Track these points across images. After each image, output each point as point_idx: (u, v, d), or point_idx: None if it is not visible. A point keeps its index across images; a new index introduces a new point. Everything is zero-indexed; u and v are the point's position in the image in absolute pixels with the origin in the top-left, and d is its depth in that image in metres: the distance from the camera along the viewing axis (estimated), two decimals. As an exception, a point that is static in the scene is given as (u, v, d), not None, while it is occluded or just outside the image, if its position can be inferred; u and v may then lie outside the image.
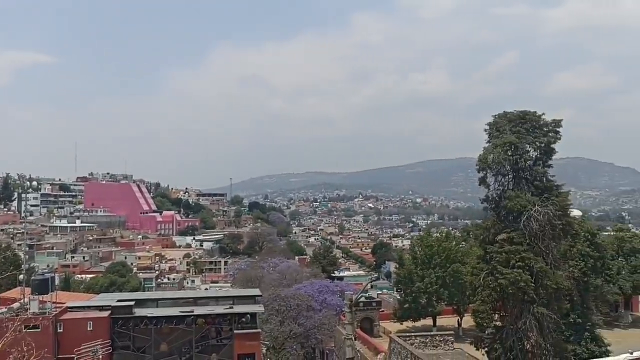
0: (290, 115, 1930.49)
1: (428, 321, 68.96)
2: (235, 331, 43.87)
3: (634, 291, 74.28)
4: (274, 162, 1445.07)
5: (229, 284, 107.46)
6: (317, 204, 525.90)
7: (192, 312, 43.91)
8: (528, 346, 34.78)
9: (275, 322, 58.13)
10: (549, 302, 35.11)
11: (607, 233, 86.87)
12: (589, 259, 56.17)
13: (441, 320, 70.43)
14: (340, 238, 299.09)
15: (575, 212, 68.13)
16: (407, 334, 52.85)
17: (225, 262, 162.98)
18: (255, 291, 53.44)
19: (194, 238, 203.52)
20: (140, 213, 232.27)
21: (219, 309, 45.31)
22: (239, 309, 45.50)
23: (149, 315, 42.65)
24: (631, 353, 43.13)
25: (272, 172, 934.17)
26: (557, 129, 37.51)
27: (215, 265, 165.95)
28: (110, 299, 46.57)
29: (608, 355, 44.98)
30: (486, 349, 38.13)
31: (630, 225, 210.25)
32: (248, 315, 44.98)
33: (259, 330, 46.10)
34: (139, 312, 43.02)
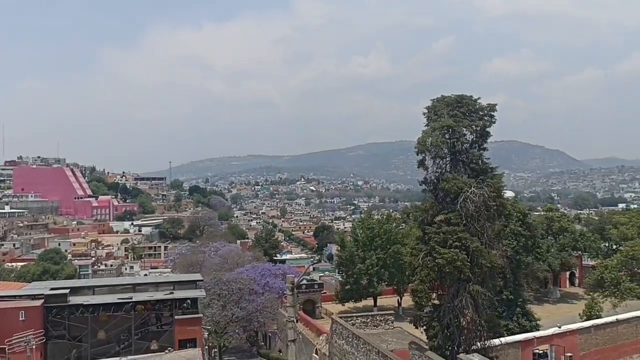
0: (231, 97, 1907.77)
1: (369, 302, 70.29)
2: (176, 317, 43.32)
3: (561, 268, 78.22)
4: (215, 145, 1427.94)
5: (170, 270, 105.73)
6: (259, 187, 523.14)
7: (131, 298, 42.99)
8: (464, 323, 35.91)
9: (217, 307, 57.73)
10: (483, 280, 36.31)
11: (537, 213, 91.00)
12: (521, 238, 58.63)
13: (382, 301, 71.97)
14: (283, 221, 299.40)
15: (509, 194, 70.81)
16: (349, 315, 53.68)
17: (165, 247, 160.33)
18: (196, 276, 52.85)
19: (132, 223, 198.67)
20: (75, 198, 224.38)
21: (159, 295, 44.59)
22: (179, 294, 44.89)
23: (84, 303, 41.43)
24: (559, 327, 45.56)
25: (213, 156, 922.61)
26: (492, 113, 38.50)
27: (155, 251, 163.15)
28: (44, 287, 44.89)
29: (538, 330, 47.32)
30: (424, 326, 39.13)
31: (559, 205, 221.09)
32: (189, 301, 44.46)
33: (201, 315, 45.68)
34: (74, 300, 41.74)
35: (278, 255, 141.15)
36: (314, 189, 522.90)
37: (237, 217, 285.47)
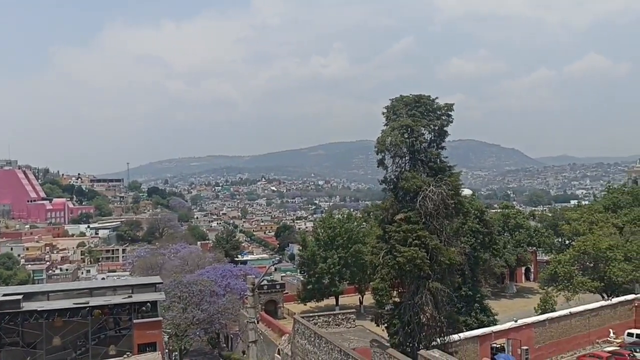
0: (190, 97, 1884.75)
1: (331, 301, 70.56)
2: (135, 320, 42.63)
3: (517, 264, 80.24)
4: (173, 146, 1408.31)
5: (128, 273, 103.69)
6: (220, 188, 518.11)
7: (87, 303, 42.07)
8: (424, 319, 36.46)
9: (178, 309, 56.96)
10: (442, 277, 36.92)
11: (494, 210, 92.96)
12: (479, 235, 59.77)
13: (344, 300, 72.35)
14: (244, 222, 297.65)
15: (466, 192, 72.08)
16: (311, 314, 53.78)
17: (124, 250, 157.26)
18: (156, 279, 52.13)
19: (88, 226, 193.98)
20: (27, 201, 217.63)
21: (117, 299, 43.78)
22: (138, 297, 44.18)
23: (39, 308, 40.33)
24: (515, 321, 46.73)
25: (172, 157, 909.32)
26: (450, 113, 39.17)
27: (113, 254, 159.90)
28: (-5, 293, 43.44)
29: (495, 324, 48.38)
30: (385, 324, 39.58)
31: (514, 202, 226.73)
32: (148, 304, 43.81)
33: (160, 318, 45.06)
34: (28, 306, 40.58)
35: (239, 256, 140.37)
36: (275, 189, 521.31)
37: (197, 218, 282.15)
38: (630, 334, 50.36)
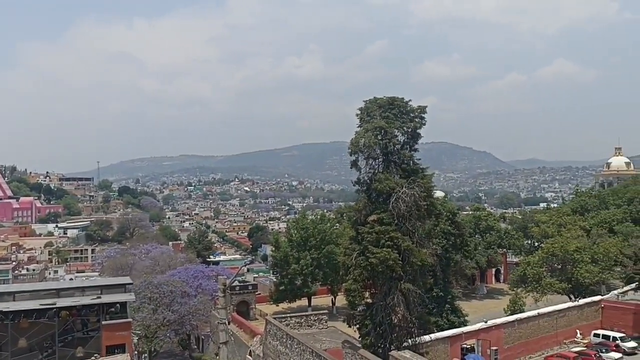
0: (163, 96, 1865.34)
1: (304, 302, 70.45)
2: (104, 322, 41.93)
3: (488, 265, 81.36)
4: (146, 145, 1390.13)
5: (97, 273, 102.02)
6: (192, 188, 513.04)
7: (55, 304, 41.20)
8: (396, 320, 36.67)
9: (148, 310, 56.23)
10: (414, 278, 37.18)
11: (466, 212, 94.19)
12: (450, 236, 60.41)
13: (316, 300, 72.32)
14: (216, 222, 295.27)
15: (439, 193, 72.85)
16: (283, 315, 53.61)
17: (93, 250, 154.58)
18: (126, 279, 51.42)
19: (56, 226, 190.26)
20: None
21: (85, 300, 43.02)
22: (107, 298, 43.48)
23: (4, 309, 39.38)
24: (485, 322, 47.32)
25: (144, 155, 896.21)
26: (423, 115, 39.52)
27: (82, 254, 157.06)
28: (-42, 294, 42.28)
29: (466, 325, 48.94)
30: (358, 325, 39.68)
31: (485, 205, 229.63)
32: (117, 305, 43.14)
33: (130, 319, 44.41)
34: (-7, 307, 39.51)
35: (211, 256, 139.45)
36: (248, 190, 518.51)
37: (169, 218, 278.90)
38: (596, 335, 51.42)
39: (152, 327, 56.21)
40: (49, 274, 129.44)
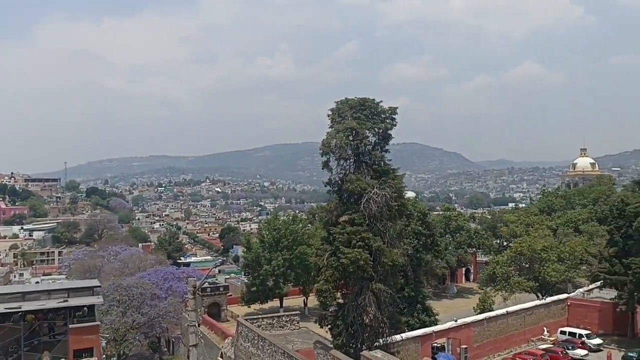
0: (133, 95, 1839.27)
1: (276, 303, 70.29)
2: (71, 325, 41.13)
3: (458, 265, 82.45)
4: (114, 145, 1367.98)
5: (64, 276, 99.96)
6: (162, 188, 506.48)
7: (20, 308, 40.26)
8: (367, 320, 36.85)
9: (117, 313, 55.29)
10: (385, 278, 37.42)
11: (436, 213, 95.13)
12: (421, 236, 60.96)
13: (288, 301, 72.24)
14: (187, 223, 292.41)
15: (410, 194, 73.59)
16: (255, 317, 53.40)
17: (60, 253, 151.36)
18: (94, 282, 50.58)
19: (22, 227, 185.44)
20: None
21: (52, 303, 42.17)
22: (74, 301, 42.68)
23: (-34, 314, 38.25)
24: (455, 320, 47.90)
25: (113, 156, 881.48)
26: (394, 116, 39.85)
27: (48, 256, 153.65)
28: None
29: (437, 324, 49.47)
30: (329, 325, 39.75)
31: (456, 205, 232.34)
32: (85, 308, 42.36)
33: (98, 323, 43.66)
34: (-45, 311, 38.41)
35: (182, 258, 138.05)
36: (220, 190, 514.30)
37: (138, 219, 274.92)
38: (563, 332, 52.55)
39: (121, 330, 55.33)
40: (14, 277, 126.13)
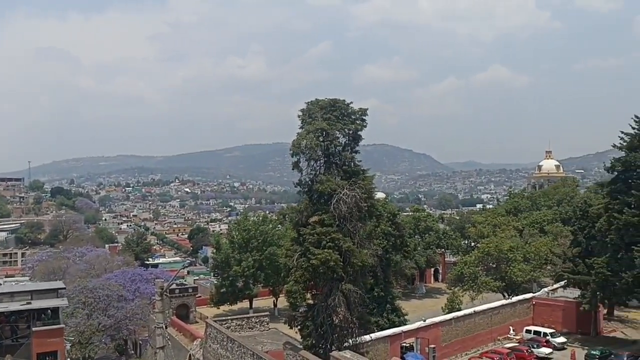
0: (99, 94, 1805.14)
1: (245, 304, 69.96)
2: (34, 328, 40.20)
3: (427, 265, 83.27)
4: (81, 144, 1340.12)
5: (28, 278, 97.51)
6: (130, 189, 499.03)
7: (-19, 311, 39.14)
8: (337, 321, 36.95)
9: (82, 316, 54.30)
10: (355, 279, 37.59)
11: (406, 214, 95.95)
12: (391, 237, 61.36)
13: (258, 302, 71.96)
14: (156, 224, 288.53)
15: (379, 195, 74.05)
16: (224, 318, 53.00)
17: (23, 254, 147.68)
18: (58, 284, 49.52)
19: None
20: None
21: (14, 306, 41.15)
22: (38, 304, 41.72)
23: None
24: (424, 320, 48.37)
25: (79, 155, 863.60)
26: (364, 117, 40.08)
27: (11, 258, 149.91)
28: None
29: (406, 324, 49.87)
30: (299, 326, 39.73)
31: (425, 206, 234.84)
32: (49, 310, 41.45)
33: (62, 325, 42.78)
34: None
35: (150, 259, 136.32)
36: (189, 191, 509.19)
37: (105, 220, 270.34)
38: (528, 331, 53.54)
39: (87, 333, 54.32)
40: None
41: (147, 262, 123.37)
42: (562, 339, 51.28)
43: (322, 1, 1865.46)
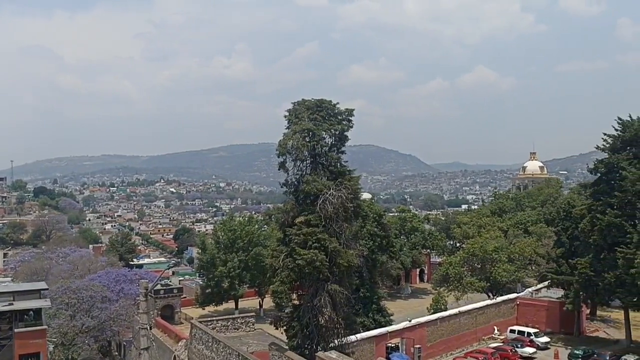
0: (84, 92, 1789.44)
1: (231, 304, 69.69)
2: (16, 330, 39.72)
3: (413, 265, 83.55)
4: (65, 143, 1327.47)
5: (10, 279, 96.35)
6: (115, 189, 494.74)
7: (-39, 312, 38.58)
8: (322, 321, 36.92)
9: (65, 317, 53.79)
10: (341, 279, 37.63)
11: (392, 214, 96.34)
12: (377, 238, 61.53)
13: (243, 303, 71.69)
14: (140, 224, 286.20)
15: (366, 195, 74.09)
16: (209, 319, 52.78)
17: (5, 254, 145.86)
18: (41, 284, 49.01)
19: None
20: None
21: (-4, 307, 40.52)
22: (20, 305, 41.29)
23: None
24: (410, 321, 48.56)
25: (63, 155, 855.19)
26: (350, 118, 40.15)
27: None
28: None
29: (391, 324, 50.02)
30: (285, 327, 39.70)
31: (411, 206, 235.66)
32: (31, 312, 40.94)
33: (45, 326, 42.34)
34: None
35: (135, 259, 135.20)
36: (175, 191, 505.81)
37: (89, 220, 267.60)
38: (512, 331, 53.96)
39: (70, 334, 53.81)
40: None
41: (132, 263, 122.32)
42: (545, 339, 51.76)
43: (309, 1, 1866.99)
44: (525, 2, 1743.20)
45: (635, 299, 46.69)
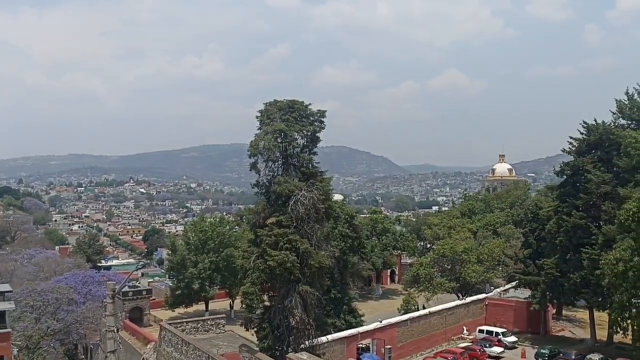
0: (51, 90, 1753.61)
1: (201, 306, 69.09)
2: (-22, 334, 38.49)
3: (384, 266, 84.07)
4: (30, 142, 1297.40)
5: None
6: (82, 189, 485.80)
7: None
8: (293, 323, 36.86)
9: (30, 320, 52.51)
10: (312, 281, 37.61)
11: (363, 215, 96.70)
12: (348, 239, 61.70)
13: (214, 305, 71.11)
14: (109, 225, 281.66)
15: (337, 197, 74.39)
16: (179, 321, 52.13)
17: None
18: (5, 287, 47.63)
19: None
20: None
21: (-43, 310, 39.28)
22: (-18, 308, 39.97)
23: None
24: (380, 321, 48.82)
25: (28, 154, 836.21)
26: (322, 119, 40.21)
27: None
28: None
29: (362, 325, 50.21)
30: (255, 328, 39.48)
31: (382, 208, 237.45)
32: (-6, 315, 39.78)
33: (9, 330, 41.17)
34: None
35: (103, 261, 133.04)
36: (144, 191, 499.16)
37: (55, 221, 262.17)
38: (481, 331, 54.69)
39: (35, 338, 52.53)
40: None
41: (100, 264, 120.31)
42: (513, 338, 52.60)
43: (282, 2, 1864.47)
44: (495, 7, 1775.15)
45: (600, 299, 47.80)
